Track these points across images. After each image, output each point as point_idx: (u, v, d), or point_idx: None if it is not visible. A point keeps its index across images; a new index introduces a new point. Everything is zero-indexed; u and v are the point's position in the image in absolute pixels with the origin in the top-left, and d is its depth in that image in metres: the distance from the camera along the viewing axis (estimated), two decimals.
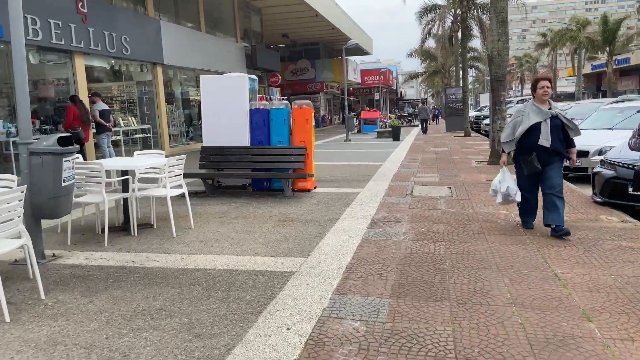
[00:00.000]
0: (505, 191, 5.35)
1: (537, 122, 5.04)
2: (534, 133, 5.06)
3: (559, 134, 5.08)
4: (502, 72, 11.42)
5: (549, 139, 5.02)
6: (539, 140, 5.03)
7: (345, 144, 19.19)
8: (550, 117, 5.04)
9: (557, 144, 5.06)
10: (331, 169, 11.26)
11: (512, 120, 5.33)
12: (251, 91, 8.59)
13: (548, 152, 5.07)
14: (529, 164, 5.10)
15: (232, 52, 19.96)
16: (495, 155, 11.42)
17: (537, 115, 5.05)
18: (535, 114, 5.06)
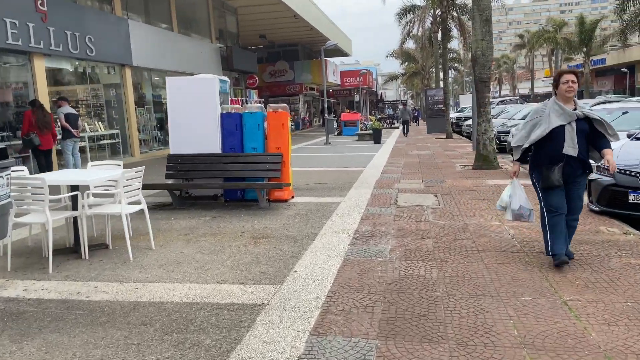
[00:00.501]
0: (517, 210, 4.50)
1: (560, 125, 4.12)
2: (555, 139, 4.15)
3: (585, 141, 4.19)
4: (486, 73, 11.00)
5: (576, 146, 4.11)
6: (564, 148, 4.12)
7: (325, 148, 18.64)
8: (576, 120, 4.14)
9: (583, 153, 4.18)
10: (310, 175, 10.68)
11: (528, 122, 4.41)
12: (222, 94, 7.96)
13: (573, 164, 4.17)
14: (549, 177, 4.16)
15: (206, 53, 19.25)
16: (480, 159, 11.00)
17: (560, 117, 4.14)
18: (557, 115, 4.15)
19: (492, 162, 10.92)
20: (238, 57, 21.56)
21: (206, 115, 7.58)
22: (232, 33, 23.60)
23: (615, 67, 49.24)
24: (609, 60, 48.79)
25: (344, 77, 44.10)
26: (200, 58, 18.59)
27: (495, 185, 8.63)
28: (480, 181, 9.11)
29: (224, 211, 7.14)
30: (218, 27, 22.43)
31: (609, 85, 53.71)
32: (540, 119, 4.28)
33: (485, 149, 10.99)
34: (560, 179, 4.16)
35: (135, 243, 5.50)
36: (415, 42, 41.86)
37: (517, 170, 4.63)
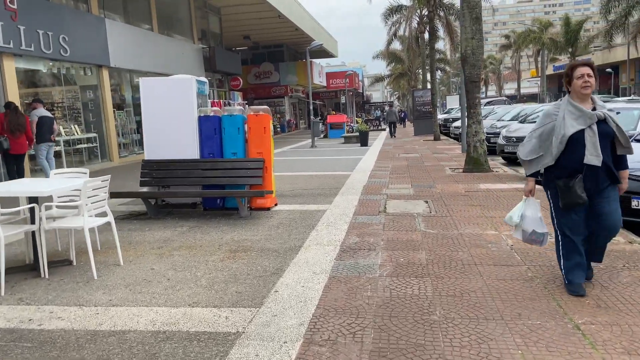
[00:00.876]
0: (530, 234, 3.85)
1: (579, 130, 3.45)
2: (573, 147, 3.48)
3: (610, 146, 3.52)
4: (476, 72, 10.69)
5: (599, 154, 3.43)
6: (585, 158, 3.44)
7: (311, 151, 18.23)
8: (597, 122, 3.46)
9: (608, 160, 3.49)
10: (295, 181, 10.25)
11: (537, 128, 3.71)
12: (201, 95, 7.51)
13: (597, 175, 3.50)
14: (569, 193, 3.48)
15: (188, 54, 18.73)
16: (471, 162, 10.68)
17: (578, 120, 3.46)
18: (573, 118, 3.47)
19: (483, 165, 10.60)
20: (221, 58, 21.07)
21: (183, 119, 7.12)
22: (215, 34, 23.09)
23: (600, 68, 49.72)
24: (594, 60, 49.25)
25: (329, 79, 43.78)
26: (181, 59, 18.07)
27: (488, 189, 8.29)
28: (472, 185, 8.77)
29: (202, 221, 6.69)
30: (200, 28, 21.91)
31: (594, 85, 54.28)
32: (553, 124, 3.57)
33: (475, 151, 10.67)
34: (584, 195, 3.47)
35: (102, 258, 5.03)
36: (401, 43, 41.75)
37: (533, 188, 3.86)
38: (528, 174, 3.86)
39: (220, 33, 23.40)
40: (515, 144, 12.55)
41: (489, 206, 6.92)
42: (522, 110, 17.42)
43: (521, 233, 3.93)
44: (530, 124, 13.22)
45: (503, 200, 7.27)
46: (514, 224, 3.95)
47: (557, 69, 56.66)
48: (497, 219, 6.09)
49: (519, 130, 12.96)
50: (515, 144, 12.54)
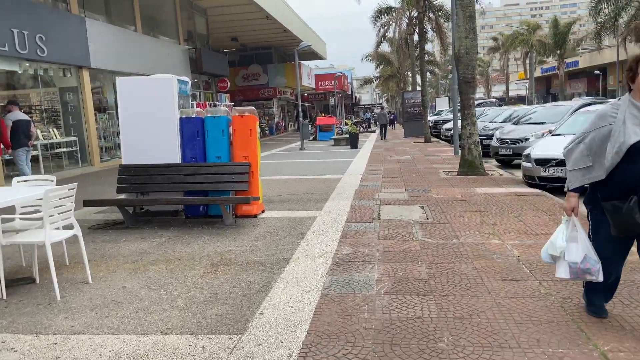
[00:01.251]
0: (581, 262, 2.99)
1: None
2: (634, 158, 2.80)
3: None
4: (470, 73, 10.34)
5: None
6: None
7: (300, 154, 17.80)
8: None
9: None
10: (283, 185, 9.82)
11: (588, 131, 3.02)
12: (183, 96, 7.06)
13: None
14: (624, 217, 2.82)
15: (174, 55, 18.23)
16: (465, 165, 10.32)
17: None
18: (637, 123, 2.82)
19: (478, 167, 10.25)
20: (208, 60, 20.58)
21: (163, 121, 6.66)
22: (201, 35, 22.59)
23: (588, 70, 49.95)
24: (582, 62, 49.37)
25: (318, 81, 43.43)
26: (167, 60, 17.56)
27: (486, 194, 7.92)
28: (469, 189, 8.40)
29: (183, 230, 6.22)
30: (187, 29, 21.41)
31: (581, 87, 54.45)
32: (610, 129, 2.90)
33: (470, 154, 10.32)
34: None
35: (70, 275, 4.55)
36: (390, 45, 41.55)
37: (576, 205, 3.08)
38: (571, 187, 3.07)
39: (207, 34, 22.91)
40: (509, 146, 12.25)
41: (489, 212, 6.54)
42: (514, 112, 17.17)
43: (567, 268, 3.04)
44: (524, 126, 12.94)
45: (503, 206, 6.90)
46: (558, 253, 3.06)
47: (545, 71, 56.87)
48: (499, 227, 5.71)
49: (513, 132, 12.66)
50: (510, 146, 12.24)
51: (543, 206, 6.80)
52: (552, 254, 3.09)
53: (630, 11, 26.68)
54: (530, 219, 6.07)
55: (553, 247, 3.07)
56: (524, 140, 12.03)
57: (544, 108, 14.20)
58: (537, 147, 8.99)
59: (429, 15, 28.32)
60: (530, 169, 8.72)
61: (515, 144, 12.15)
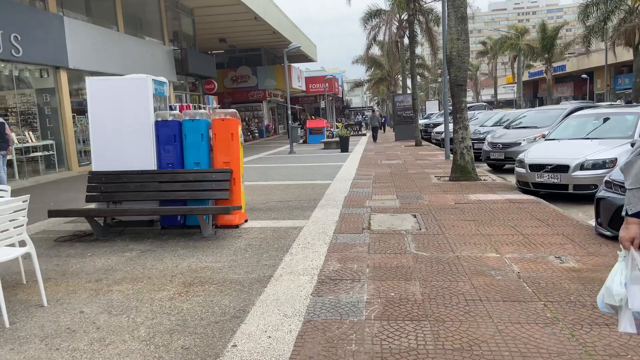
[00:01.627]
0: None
1: None
2: None
3: None
4: (462, 75, 10.01)
5: None
6: None
7: (289, 157, 17.38)
8: None
9: None
10: (269, 191, 9.39)
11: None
12: (159, 97, 6.61)
13: None
14: None
15: (158, 56, 17.74)
16: (457, 170, 9.98)
17: None
18: None
19: (471, 173, 9.91)
20: (194, 61, 20.10)
21: (137, 124, 6.21)
22: (188, 35, 22.11)
23: (575, 74, 50.18)
24: (569, 66, 49.61)
25: (309, 83, 43.04)
26: (151, 61, 17.06)
27: (479, 201, 7.57)
28: (462, 196, 8.04)
29: (157, 243, 5.77)
30: (172, 29, 20.93)
31: (568, 91, 54.73)
32: None
33: (462, 158, 9.98)
34: None
35: (25, 296, 4.09)
36: (380, 48, 41.34)
37: (637, 235, 2.18)
38: (632, 211, 2.21)
39: (194, 35, 22.44)
40: (501, 150, 11.94)
41: (484, 221, 6.18)
42: (505, 115, 16.93)
43: (632, 320, 2.17)
44: (516, 130, 12.65)
45: (498, 214, 6.54)
46: (618, 301, 2.19)
47: (532, 75, 57.10)
48: (495, 237, 5.35)
49: (504, 136, 12.35)
50: (502, 150, 11.93)
51: (540, 214, 6.45)
52: (610, 304, 2.26)
53: (620, 14, 26.66)
54: (527, 228, 5.72)
55: (610, 295, 2.24)
56: (516, 145, 11.72)
57: (535, 112, 13.93)
58: (531, 152, 8.66)
59: (419, 18, 28.15)
60: (524, 175, 8.38)
61: (507, 149, 11.84)
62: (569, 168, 7.75)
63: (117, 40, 15.44)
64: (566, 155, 8.02)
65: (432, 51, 29.76)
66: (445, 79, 15.44)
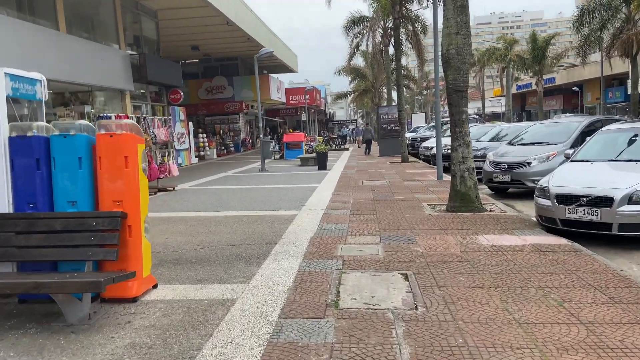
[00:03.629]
0: None
1: None
2: None
3: None
4: (462, 79, 8.01)
5: None
6: None
7: (258, 177, 15.20)
8: None
9: None
10: (213, 228, 7.20)
11: None
12: (25, 101, 4.44)
13: None
14: None
15: (110, 61, 15.52)
16: (457, 197, 7.93)
17: None
18: None
19: (474, 202, 7.87)
20: (155, 67, 17.89)
21: None
22: (150, 40, 19.93)
23: (564, 87, 48.99)
24: (558, 79, 48.40)
25: (289, 95, 41.07)
26: (100, 66, 14.85)
27: (494, 247, 5.48)
28: (468, 238, 5.96)
29: None
30: (132, 33, 18.75)
31: (557, 104, 53.57)
32: None
33: (463, 183, 7.93)
34: None
35: None
36: (364, 59, 39.61)
37: None
38: None
39: (157, 40, 20.26)
40: (506, 171, 9.94)
41: (510, 290, 4.09)
42: (503, 129, 14.96)
43: None
44: (522, 147, 10.68)
45: (528, 274, 4.46)
46: None
47: (520, 88, 55.98)
48: (541, 332, 3.25)
49: (510, 154, 10.37)
50: (507, 171, 9.93)
51: (589, 275, 4.40)
52: None
53: (616, 23, 25.18)
54: (584, 308, 3.64)
55: None
56: (525, 165, 9.75)
57: (543, 125, 11.97)
58: (557, 178, 6.63)
59: (406, 25, 26.41)
60: (549, 209, 6.34)
61: (514, 169, 9.85)
62: (613, 201, 5.72)
63: (55, 40, 13.21)
64: (607, 183, 6.01)
65: (419, 61, 27.95)
66: (437, 85, 13.50)
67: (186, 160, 21.80)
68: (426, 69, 62.67)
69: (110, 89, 15.96)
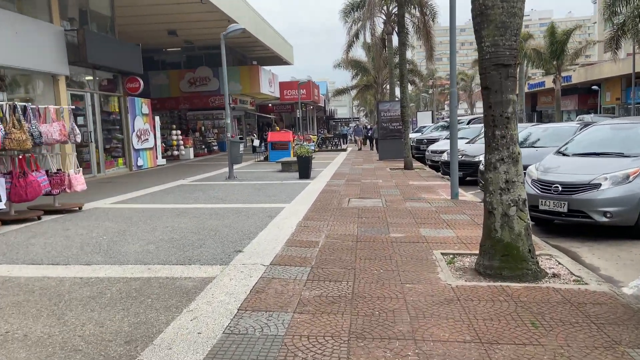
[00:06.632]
0: None
1: None
2: None
3: None
4: (509, 44, 4.57)
5: None
6: None
7: (218, 187, 11.78)
8: None
9: None
10: (57, 311, 3.83)
11: None
12: None
13: None
14: None
15: (32, 36, 12.14)
16: (497, 250, 4.54)
17: None
18: None
19: (526, 260, 4.47)
20: (101, 48, 14.45)
21: None
22: (100, 15, 16.48)
23: (580, 86, 45.35)
24: (575, 77, 44.71)
25: (284, 89, 37.58)
26: (18, 42, 11.49)
27: None
28: None
29: None
30: (77, 5, 15.35)
31: (572, 104, 49.84)
32: None
33: (508, 227, 4.51)
34: None
35: None
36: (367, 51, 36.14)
37: None
38: None
39: (112, 16, 16.80)
40: (561, 197, 6.53)
41: None
42: (532, 132, 11.46)
43: None
44: (580, 159, 7.26)
45: None
46: None
47: (532, 87, 52.36)
48: None
49: (562, 170, 6.97)
50: (563, 197, 6.52)
51: None
52: None
53: None
54: None
55: None
56: (591, 188, 6.34)
57: (608, 127, 8.37)
58: None
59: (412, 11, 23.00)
60: None
61: (573, 193, 6.45)
62: None
63: None
64: None
65: (427, 53, 24.36)
66: (454, 65, 10.08)
67: (149, 162, 18.42)
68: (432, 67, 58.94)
69: (35, 72, 12.57)
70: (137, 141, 17.41)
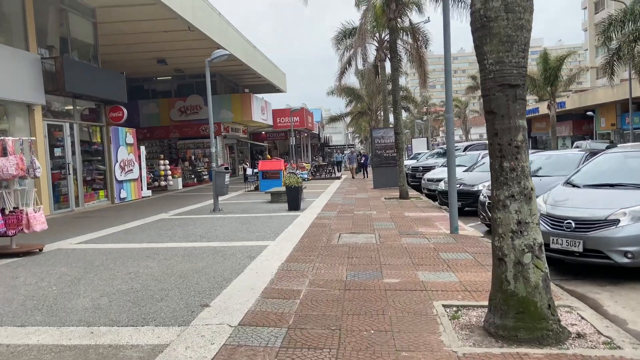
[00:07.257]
0: None
1: None
2: None
3: None
4: (516, 61, 3.91)
5: None
6: None
7: (200, 222, 10.98)
8: None
9: None
10: None
11: None
12: None
13: None
14: None
15: (8, 65, 11.51)
16: (511, 307, 3.76)
17: None
18: None
19: (545, 318, 3.70)
20: (80, 76, 13.82)
21: None
22: (83, 43, 15.95)
23: (574, 112, 45.18)
24: (569, 103, 44.61)
25: (277, 117, 37.14)
26: None
27: None
28: None
29: None
30: (57, 33, 14.82)
31: (566, 130, 49.61)
32: None
33: (522, 278, 3.75)
34: None
35: None
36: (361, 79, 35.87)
37: None
38: None
39: (95, 44, 16.26)
40: (575, 234, 5.80)
41: None
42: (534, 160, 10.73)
43: None
44: (595, 190, 6.56)
45: None
46: None
47: (526, 113, 52.22)
48: None
49: (574, 204, 6.25)
50: (578, 234, 5.78)
51: None
52: None
53: None
54: None
55: None
56: (610, 225, 5.61)
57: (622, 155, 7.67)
58: None
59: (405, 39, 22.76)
60: None
61: (589, 231, 5.71)
62: None
63: None
64: None
65: (421, 79, 23.96)
66: (450, 89, 9.41)
67: (133, 194, 17.61)
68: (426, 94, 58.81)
69: (8, 102, 11.90)
70: (120, 172, 16.65)
